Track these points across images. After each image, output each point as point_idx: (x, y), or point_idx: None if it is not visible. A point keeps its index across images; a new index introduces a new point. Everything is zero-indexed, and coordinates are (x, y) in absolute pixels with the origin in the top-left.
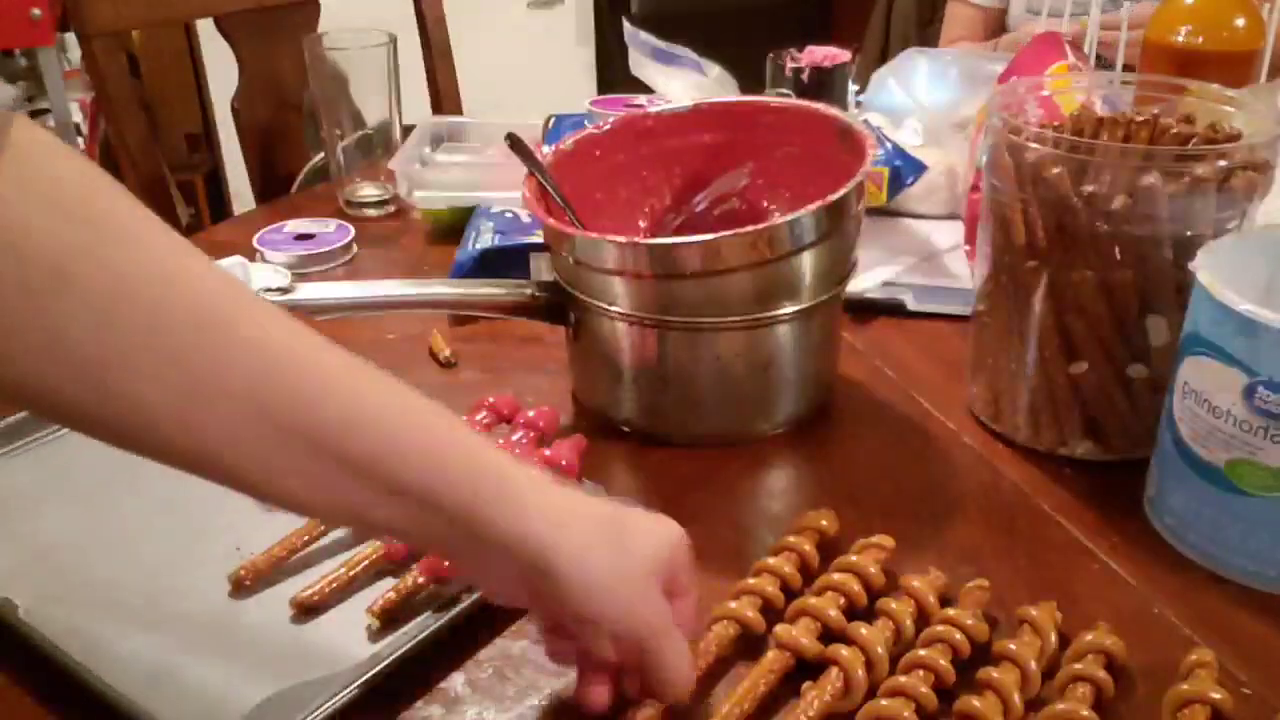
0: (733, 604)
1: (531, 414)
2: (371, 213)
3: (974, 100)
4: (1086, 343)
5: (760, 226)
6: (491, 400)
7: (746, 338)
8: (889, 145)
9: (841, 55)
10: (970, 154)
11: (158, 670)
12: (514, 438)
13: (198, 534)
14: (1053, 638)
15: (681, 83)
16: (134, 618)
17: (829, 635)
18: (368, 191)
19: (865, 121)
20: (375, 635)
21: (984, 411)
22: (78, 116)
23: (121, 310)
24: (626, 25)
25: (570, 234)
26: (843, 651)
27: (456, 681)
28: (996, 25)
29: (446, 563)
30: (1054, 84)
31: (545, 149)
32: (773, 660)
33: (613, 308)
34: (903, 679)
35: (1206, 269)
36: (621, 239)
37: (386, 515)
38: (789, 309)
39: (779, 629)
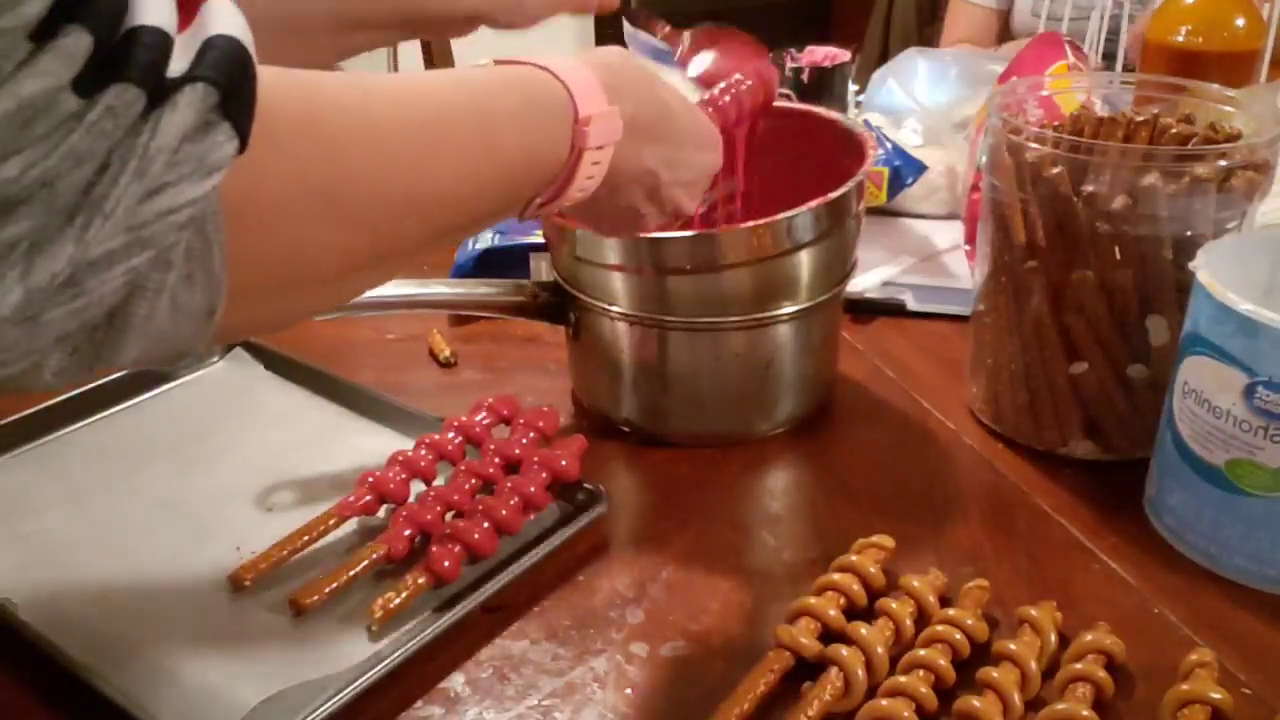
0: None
1: (531, 414)
2: None
3: (974, 100)
4: (1086, 343)
5: (759, 221)
6: (491, 400)
7: (746, 338)
8: (889, 145)
9: (841, 55)
10: (970, 154)
11: (158, 670)
12: (514, 438)
13: (198, 534)
14: (1053, 638)
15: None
16: (134, 618)
17: (829, 635)
18: None
19: (865, 121)
20: (375, 635)
21: (984, 411)
22: None
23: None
24: (626, 25)
25: (570, 228)
26: (843, 651)
27: (456, 681)
28: (1000, 26)
29: (447, 563)
30: (1054, 84)
31: None
32: (773, 660)
33: (613, 307)
34: (903, 679)
35: (1206, 269)
36: None
37: None
38: (789, 309)
39: (779, 629)
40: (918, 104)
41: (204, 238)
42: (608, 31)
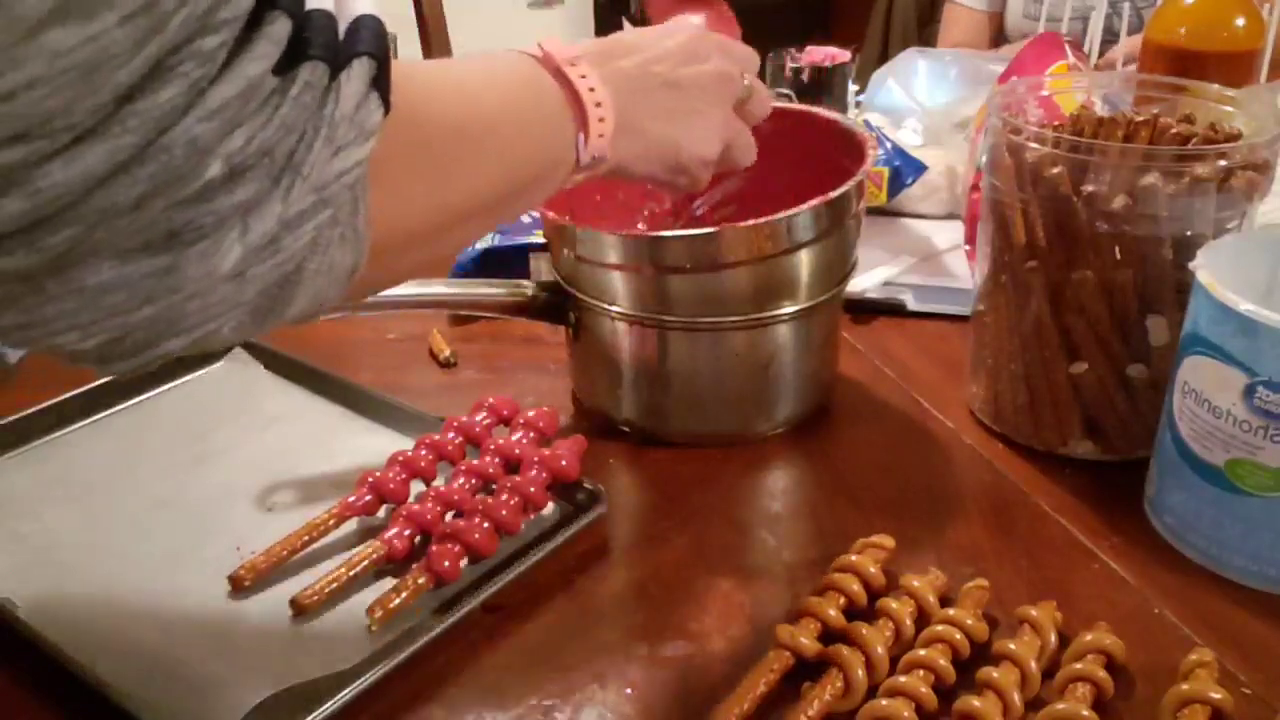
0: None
1: (531, 414)
2: None
3: (974, 100)
4: (1086, 343)
5: (759, 220)
6: (491, 400)
7: (746, 337)
8: (889, 145)
9: (841, 55)
10: (970, 154)
11: (158, 669)
12: (514, 438)
13: (198, 534)
14: (1053, 638)
15: None
16: (134, 617)
17: (829, 635)
18: None
19: (865, 121)
20: (375, 635)
21: (984, 411)
22: None
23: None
24: (626, 25)
25: (570, 227)
26: (843, 651)
27: (456, 682)
28: (995, 29)
29: (447, 563)
30: (1054, 84)
31: None
32: (773, 660)
33: (613, 307)
34: (903, 679)
35: (1206, 269)
36: (621, 231)
37: None
38: (789, 309)
39: (779, 629)
40: (918, 104)
41: (354, 197)
42: (609, 32)
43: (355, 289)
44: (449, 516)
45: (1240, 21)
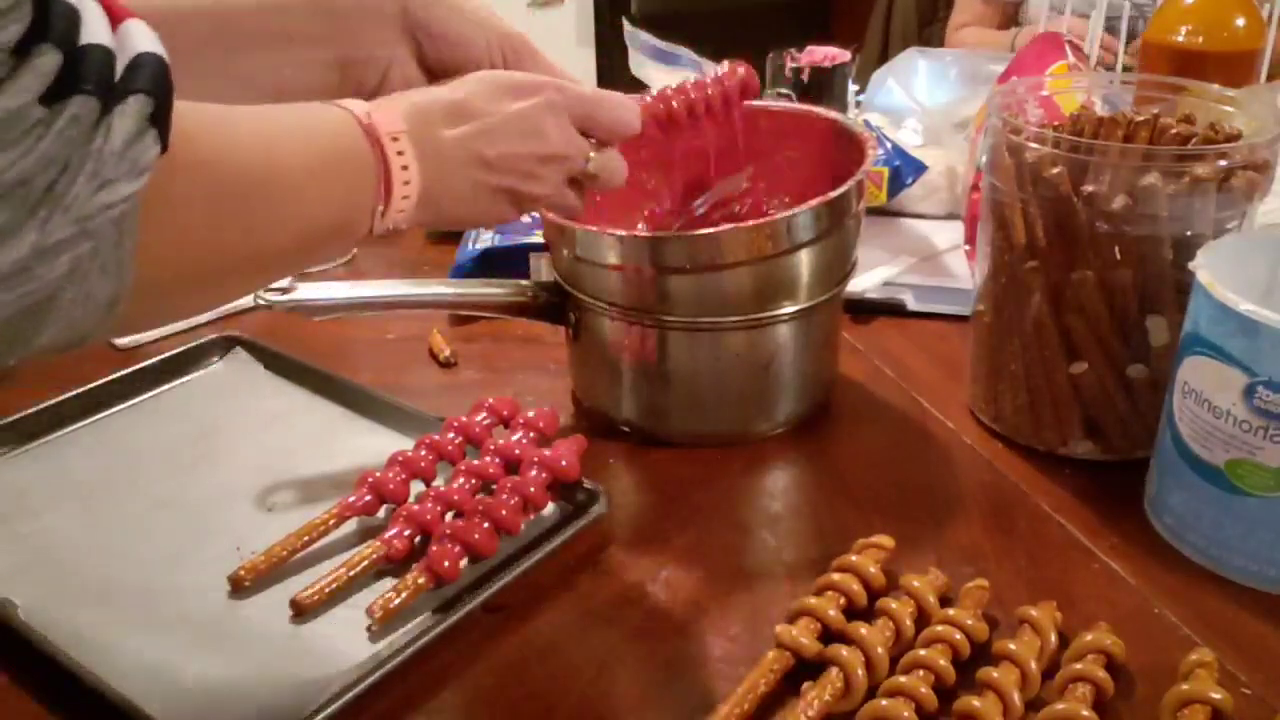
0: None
1: (531, 414)
2: None
3: (974, 100)
4: (1086, 343)
5: (759, 221)
6: (491, 400)
7: (746, 337)
8: (889, 145)
9: (841, 55)
10: (970, 154)
11: (158, 670)
12: (514, 438)
13: (198, 534)
14: (1053, 638)
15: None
16: (134, 618)
17: (829, 635)
18: None
19: (865, 121)
20: (375, 635)
21: (984, 411)
22: None
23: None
24: (626, 25)
25: (570, 227)
26: (843, 651)
27: (456, 683)
28: (1008, 16)
29: (447, 563)
30: (1054, 84)
31: None
32: (773, 660)
33: (612, 308)
34: (903, 679)
35: (1206, 269)
36: (621, 231)
37: None
38: (789, 308)
39: (779, 629)
40: (918, 104)
41: (119, 230)
42: (609, 32)
43: (121, 324)
44: (449, 517)
45: (1240, 21)
